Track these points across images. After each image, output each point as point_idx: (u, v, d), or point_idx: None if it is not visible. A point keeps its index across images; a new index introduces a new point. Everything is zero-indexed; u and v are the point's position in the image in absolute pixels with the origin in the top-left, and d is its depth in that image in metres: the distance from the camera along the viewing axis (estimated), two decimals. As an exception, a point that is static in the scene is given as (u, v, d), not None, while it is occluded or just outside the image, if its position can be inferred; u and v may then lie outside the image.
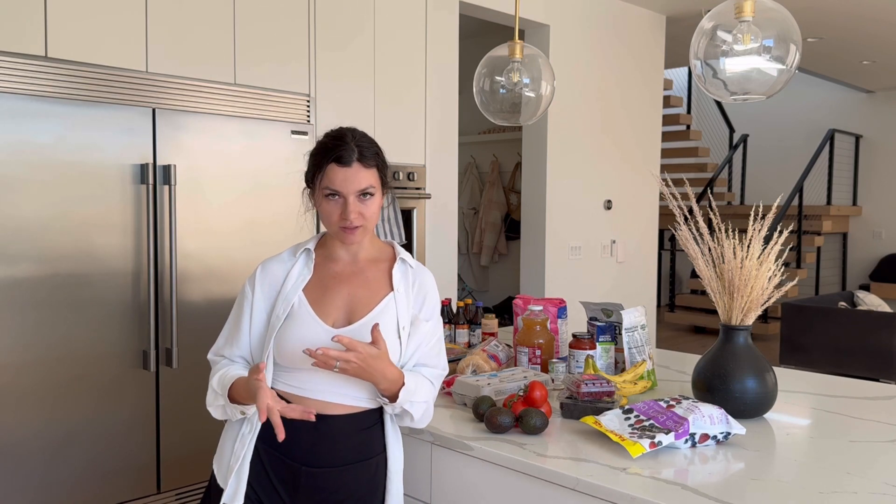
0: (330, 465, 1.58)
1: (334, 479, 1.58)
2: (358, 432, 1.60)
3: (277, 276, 1.64)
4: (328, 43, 3.37)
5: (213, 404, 1.62)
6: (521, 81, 2.61)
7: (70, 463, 2.50)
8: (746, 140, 10.12)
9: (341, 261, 1.66)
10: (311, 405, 1.55)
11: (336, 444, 1.58)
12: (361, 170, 1.56)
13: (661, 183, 2.03)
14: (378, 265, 1.67)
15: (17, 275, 2.38)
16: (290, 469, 1.57)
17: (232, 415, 1.58)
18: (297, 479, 1.57)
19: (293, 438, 1.55)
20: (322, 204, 1.59)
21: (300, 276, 1.63)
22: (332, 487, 1.58)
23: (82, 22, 2.60)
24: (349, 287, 1.63)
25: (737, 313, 1.92)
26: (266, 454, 1.58)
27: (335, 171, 1.55)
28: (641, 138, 5.52)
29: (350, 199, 1.55)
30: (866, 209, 9.76)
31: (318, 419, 1.53)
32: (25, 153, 2.39)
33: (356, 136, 1.59)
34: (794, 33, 1.85)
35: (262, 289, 1.63)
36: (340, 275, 1.64)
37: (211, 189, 2.82)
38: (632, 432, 1.66)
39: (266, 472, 1.58)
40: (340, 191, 1.55)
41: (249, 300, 1.64)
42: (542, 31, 4.71)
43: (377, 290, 1.63)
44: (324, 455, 1.57)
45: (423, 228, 3.82)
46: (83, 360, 2.52)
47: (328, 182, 1.56)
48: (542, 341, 2.27)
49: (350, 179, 1.55)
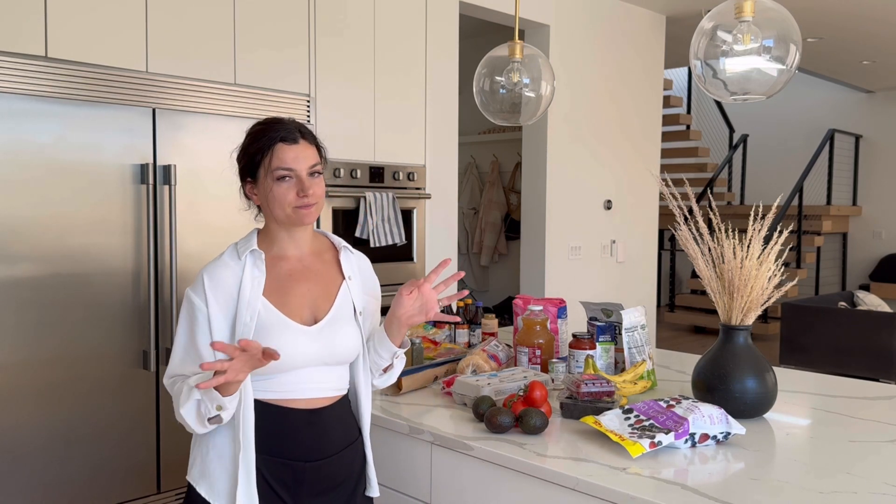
0: (329, 454, 1.61)
1: (332, 466, 1.62)
2: (342, 419, 1.65)
3: (228, 282, 1.55)
4: (328, 43, 3.37)
5: (185, 404, 1.47)
6: (521, 81, 2.61)
7: (70, 463, 2.50)
8: (746, 140, 10.12)
9: (291, 258, 1.63)
10: (301, 404, 1.58)
11: (330, 434, 1.61)
12: (307, 146, 1.58)
13: (661, 183, 2.03)
14: (322, 257, 1.68)
15: (17, 275, 2.38)
16: (294, 469, 1.58)
17: (206, 410, 1.46)
18: (302, 476, 1.58)
19: (293, 439, 1.57)
20: (273, 189, 1.55)
21: (254, 280, 1.56)
22: (332, 475, 1.62)
23: (82, 22, 2.60)
24: (306, 283, 1.62)
25: (737, 313, 1.92)
26: (264, 463, 1.56)
27: (284, 149, 1.55)
28: (641, 138, 5.52)
29: (304, 176, 1.55)
30: (866, 209, 9.76)
31: (311, 414, 1.58)
32: (25, 153, 2.39)
33: (291, 120, 1.61)
34: (794, 33, 1.85)
35: (215, 298, 1.53)
36: (294, 272, 1.62)
37: (211, 189, 2.83)
38: (632, 432, 1.66)
39: (266, 481, 1.56)
40: (294, 167, 1.55)
41: (204, 313, 1.53)
42: (542, 31, 4.71)
43: (330, 282, 1.65)
44: (322, 447, 1.60)
45: (423, 228, 3.82)
46: (83, 359, 2.52)
47: (279, 162, 1.54)
48: (542, 341, 2.27)
49: (300, 156, 1.56)
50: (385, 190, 3.58)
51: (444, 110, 3.98)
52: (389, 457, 1.95)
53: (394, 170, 3.64)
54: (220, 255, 1.62)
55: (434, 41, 3.87)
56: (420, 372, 2.18)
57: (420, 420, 1.89)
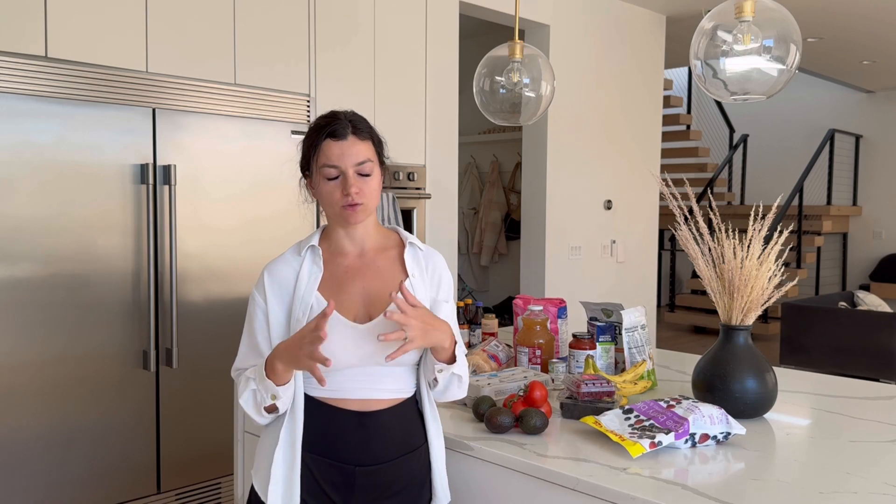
0: (383, 460, 1.54)
1: (389, 473, 1.55)
2: (402, 424, 1.58)
3: (287, 277, 1.57)
4: (328, 43, 3.37)
5: (243, 393, 1.52)
6: (521, 81, 2.61)
7: (70, 463, 2.50)
8: (746, 140, 10.12)
9: (350, 254, 1.61)
10: (352, 405, 1.53)
11: (385, 438, 1.55)
12: (357, 142, 1.54)
13: (661, 183, 2.03)
14: (386, 253, 1.63)
15: (18, 275, 2.38)
16: (343, 472, 1.53)
17: (262, 399, 1.49)
18: (352, 480, 1.53)
19: (341, 440, 1.52)
20: (321, 186, 1.54)
21: (311, 276, 1.56)
22: (388, 482, 1.56)
23: (82, 22, 2.60)
24: (363, 280, 1.58)
25: (737, 313, 1.92)
26: (313, 462, 1.53)
27: (331, 145, 1.52)
28: (641, 138, 5.52)
29: (349, 173, 1.52)
30: (866, 209, 9.76)
31: (362, 416, 1.52)
32: (25, 153, 2.39)
33: (348, 114, 1.57)
34: (794, 33, 1.85)
35: (273, 294, 1.56)
36: (351, 268, 1.59)
37: (211, 189, 2.82)
38: (632, 432, 1.66)
39: (315, 480, 1.53)
40: (339, 165, 1.52)
41: (263, 309, 1.57)
42: (542, 31, 4.71)
43: (392, 279, 1.59)
44: (375, 452, 1.54)
45: (423, 228, 3.82)
46: (83, 360, 2.52)
47: (325, 159, 1.52)
48: (542, 341, 2.27)
49: (346, 153, 1.52)
50: (385, 190, 3.57)
51: (444, 110, 3.98)
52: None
53: (394, 170, 3.64)
54: (283, 253, 1.63)
55: (434, 41, 3.87)
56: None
57: (420, 420, 1.88)
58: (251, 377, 1.51)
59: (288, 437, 1.53)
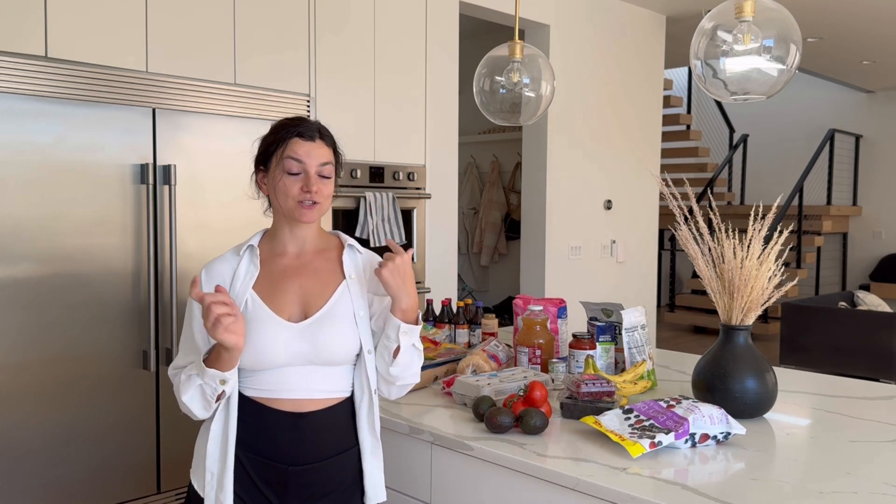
0: (315, 460, 1.57)
1: (322, 473, 1.58)
2: (336, 425, 1.60)
3: (224, 275, 1.59)
4: (328, 43, 3.37)
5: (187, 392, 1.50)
6: (521, 81, 2.61)
7: (70, 463, 2.50)
8: (746, 140, 10.12)
9: (289, 254, 1.63)
10: (286, 405, 1.55)
11: (318, 439, 1.57)
12: (323, 146, 1.60)
13: (661, 183, 2.03)
14: (326, 255, 1.65)
15: (17, 275, 2.38)
16: (277, 471, 1.56)
17: (211, 391, 1.49)
18: (286, 479, 1.55)
19: (275, 440, 1.55)
20: (280, 180, 1.57)
21: (247, 274, 1.59)
22: (321, 482, 1.58)
23: (82, 22, 2.60)
24: (299, 280, 1.60)
25: (737, 313, 1.92)
26: (248, 459, 1.56)
27: (298, 143, 1.57)
28: (641, 138, 5.52)
29: (312, 172, 1.57)
30: (866, 209, 9.76)
31: (296, 417, 1.54)
32: (25, 153, 2.39)
33: (312, 120, 1.64)
34: (794, 33, 1.85)
35: (209, 290, 1.55)
36: (289, 268, 1.62)
37: (211, 189, 2.82)
38: (632, 432, 1.66)
39: (249, 477, 1.56)
40: (304, 161, 1.56)
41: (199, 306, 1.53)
42: (542, 31, 4.71)
43: (329, 281, 1.62)
44: (308, 452, 1.56)
45: (423, 228, 3.82)
46: (83, 360, 2.52)
47: (291, 152, 1.56)
48: (542, 341, 2.27)
49: (313, 153, 1.57)
50: (385, 190, 3.58)
51: (444, 110, 3.98)
52: (389, 457, 1.95)
53: (394, 170, 3.64)
54: (223, 253, 1.66)
55: (434, 41, 3.87)
56: (420, 372, 2.18)
57: (420, 420, 1.89)
58: (193, 373, 1.50)
59: (221, 432, 1.55)
